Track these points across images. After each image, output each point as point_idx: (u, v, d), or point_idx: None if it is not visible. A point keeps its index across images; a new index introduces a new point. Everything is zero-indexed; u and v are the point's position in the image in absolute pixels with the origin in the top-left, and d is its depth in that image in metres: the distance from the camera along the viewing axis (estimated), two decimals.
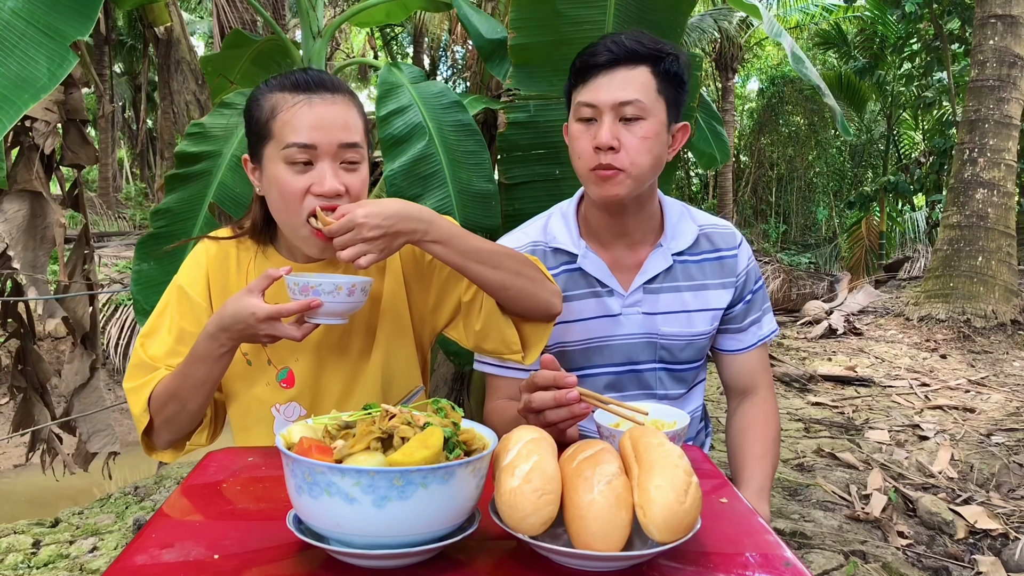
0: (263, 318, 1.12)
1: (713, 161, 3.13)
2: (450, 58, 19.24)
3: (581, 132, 1.43)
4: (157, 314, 1.34)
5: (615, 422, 1.20)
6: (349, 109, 1.25)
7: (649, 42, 1.40)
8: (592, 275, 1.53)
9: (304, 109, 1.21)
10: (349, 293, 1.15)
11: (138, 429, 1.31)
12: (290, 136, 1.21)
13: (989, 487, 3.10)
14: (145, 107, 17.57)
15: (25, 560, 2.90)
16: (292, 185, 1.22)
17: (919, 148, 15.26)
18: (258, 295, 1.14)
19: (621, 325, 1.54)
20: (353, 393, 1.37)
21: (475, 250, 1.23)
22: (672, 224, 1.56)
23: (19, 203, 3.15)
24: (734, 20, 15.46)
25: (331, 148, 1.22)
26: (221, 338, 1.16)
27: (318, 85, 1.24)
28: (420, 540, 0.81)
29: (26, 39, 1.67)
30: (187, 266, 1.37)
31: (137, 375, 1.30)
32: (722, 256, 1.57)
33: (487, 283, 1.26)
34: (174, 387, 1.24)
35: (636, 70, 1.39)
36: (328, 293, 1.14)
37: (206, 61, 3.54)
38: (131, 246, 9.62)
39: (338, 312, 1.16)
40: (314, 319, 1.16)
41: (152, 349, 1.31)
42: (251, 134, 1.29)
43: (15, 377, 3.55)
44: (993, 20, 6.62)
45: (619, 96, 1.38)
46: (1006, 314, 6.39)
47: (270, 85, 1.27)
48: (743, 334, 1.62)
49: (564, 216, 1.58)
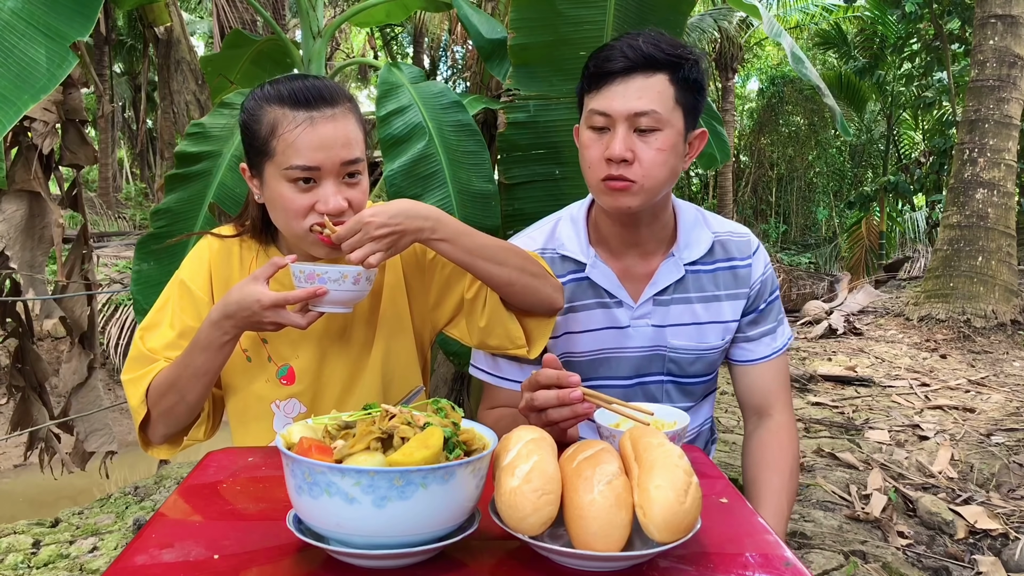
0: (268, 305, 1.12)
1: (713, 161, 3.12)
2: (450, 58, 19.24)
3: (593, 141, 1.36)
4: (158, 308, 1.34)
5: (615, 422, 1.20)
6: (349, 122, 1.24)
7: (668, 47, 1.33)
8: (601, 285, 1.48)
9: (307, 131, 1.19)
10: (355, 281, 1.16)
11: (134, 421, 1.31)
12: (293, 158, 1.19)
13: (989, 487, 3.10)
14: (145, 107, 17.55)
15: (25, 560, 2.90)
16: (295, 203, 1.22)
17: (919, 148, 15.27)
18: (263, 282, 1.15)
19: (629, 338, 1.49)
20: (353, 390, 1.37)
21: (481, 247, 1.24)
22: (686, 232, 1.49)
23: (17, 203, 3.15)
24: (734, 20, 15.47)
25: (334, 167, 1.21)
26: (225, 326, 1.16)
27: (318, 99, 1.21)
28: (420, 540, 0.81)
29: (26, 39, 1.67)
30: (189, 261, 1.37)
31: (135, 367, 1.29)
32: (735, 266, 1.51)
33: (493, 279, 1.26)
34: (173, 377, 1.23)
35: (653, 78, 1.32)
36: (334, 281, 1.14)
37: (206, 61, 3.54)
38: (131, 246, 9.61)
39: (343, 300, 1.17)
40: (319, 307, 1.17)
41: (152, 342, 1.31)
42: (249, 147, 1.27)
43: (13, 376, 3.56)
44: (993, 20, 6.62)
45: (635, 106, 1.31)
46: (1006, 314, 6.39)
47: (267, 96, 1.23)
48: (753, 344, 1.55)
49: (574, 221, 1.52)
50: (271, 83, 1.25)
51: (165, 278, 2.48)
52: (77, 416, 3.57)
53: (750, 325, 1.54)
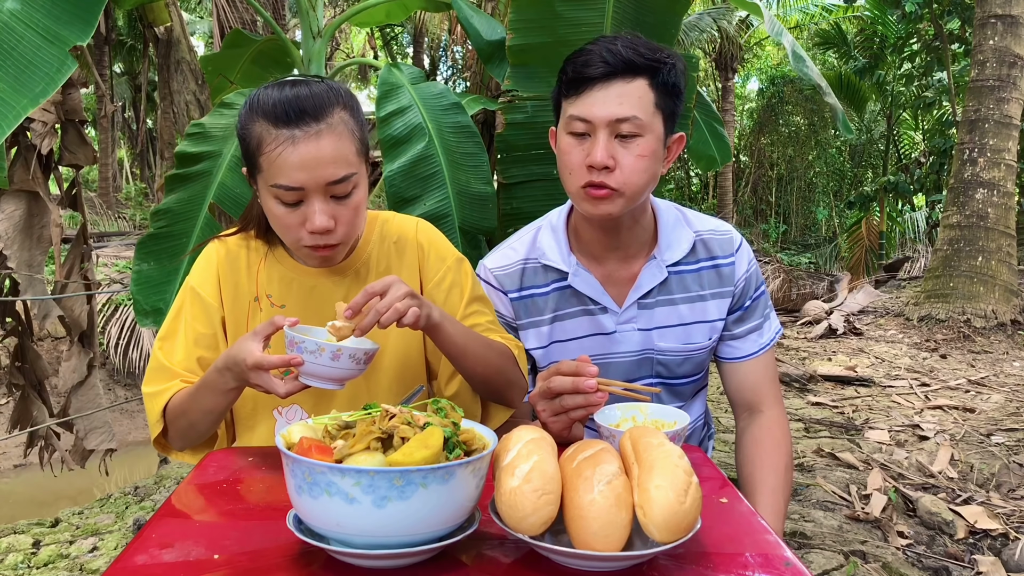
0: (251, 365, 1.10)
1: (713, 163, 3.11)
2: (450, 58, 19.24)
3: (572, 146, 1.35)
4: (172, 317, 1.35)
5: (615, 422, 1.20)
6: (337, 138, 1.18)
7: (647, 50, 1.31)
8: (584, 293, 1.47)
9: (288, 150, 1.15)
10: (333, 357, 1.07)
11: (151, 433, 1.31)
12: (276, 177, 1.18)
13: (989, 487, 3.10)
14: (145, 107, 17.57)
15: (25, 560, 2.90)
16: (285, 220, 1.21)
17: (919, 148, 15.28)
18: (259, 340, 1.12)
19: (617, 343, 1.49)
20: (364, 397, 1.36)
21: (473, 344, 1.26)
22: (666, 233, 1.48)
23: (16, 203, 3.16)
24: (734, 20, 15.47)
25: (319, 187, 1.18)
26: (226, 375, 1.16)
27: (299, 116, 1.16)
28: (420, 540, 0.81)
29: (25, 42, 1.67)
30: (198, 267, 1.37)
31: (155, 380, 1.30)
32: (719, 264, 1.50)
33: (475, 375, 1.30)
34: (186, 406, 1.24)
35: (633, 83, 1.30)
36: (310, 352, 1.07)
37: (206, 61, 3.54)
38: (131, 246, 9.61)
39: (323, 375, 1.09)
40: (304, 379, 1.10)
41: (169, 352, 1.32)
42: (244, 154, 1.26)
43: (13, 375, 3.56)
44: (993, 20, 6.62)
45: (616, 112, 1.29)
46: (1006, 314, 6.39)
47: (255, 108, 1.20)
48: (740, 341, 1.54)
49: (554, 230, 1.51)
50: (264, 90, 1.22)
51: (165, 278, 2.50)
52: (78, 416, 3.57)
53: (736, 323, 1.54)
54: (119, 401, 7.64)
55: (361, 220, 1.27)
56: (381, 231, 1.39)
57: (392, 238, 1.39)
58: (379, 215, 1.42)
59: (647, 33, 1.43)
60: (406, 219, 1.43)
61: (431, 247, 1.40)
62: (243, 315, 1.34)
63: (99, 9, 1.77)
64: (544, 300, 1.50)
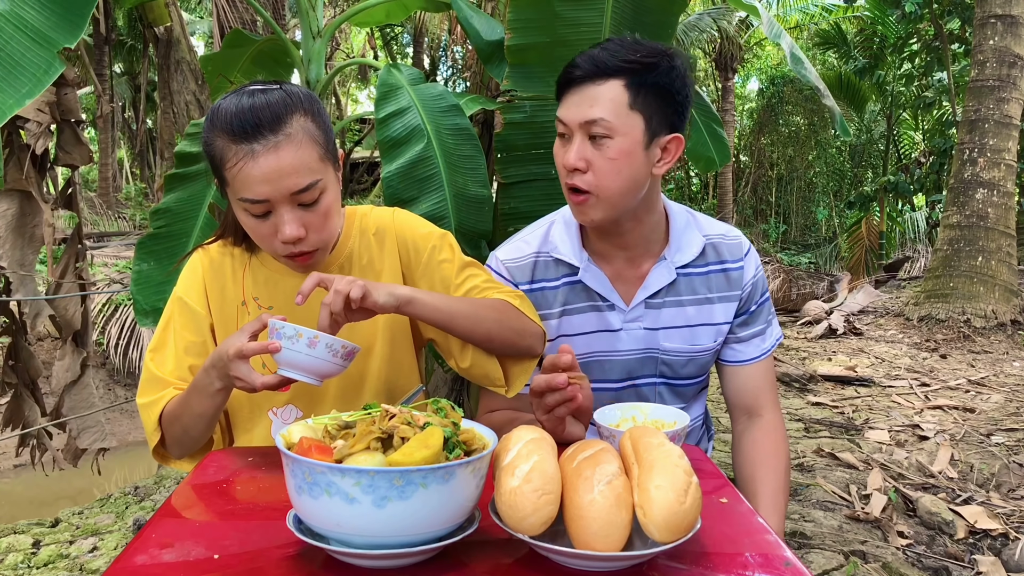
0: (232, 355, 1.09)
1: (712, 164, 3.08)
2: (450, 58, 19.23)
3: (558, 149, 1.39)
4: (161, 328, 1.35)
5: (615, 422, 1.20)
6: (296, 148, 1.17)
7: (626, 52, 1.32)
8: (593, 289, 1.48)
9: (248, 164, 1.15)
10: (310, 344, 1.06)
11: (149, 443, 1.32)
12: (241, 191, 1.18)
13: (989, 487, 3.10)
14: (145, 107, 17.56)
15: (25, 560, 2.91)
16: (258, 231, 1.22)
17: (919, 148, 15.27)
18: (246, 335, 1.12)
19: (621, 340, 1.50)
20: (352, 398, 1.37)
21: (456, 310, 1.25)
22: (677, 235, 1.49)
23: (8, 202, 3.17)
24: (734, 20, 15.46)
25: (284, 198, 1.18)
26: (212, 374, 1.15)
27: (256, 129, 1.14)
28: (420, 540, 0.81)
29: (13, 43, 1.66)
30: (184, 277, 1.38)
31: (148, 391, 1.30)
32: (727, 268, 1.51)
33: (472, 338, 1.28)
34: (178, 412, 1.24)
35: (604, 85, 1.31)
36: (288, 338, 1.06)
37: (206, 61, 3.54)
38: (131, 246, 9.61)
39: (300, 365, 1.07)
40: (282, 370, 1.09)
41: (161, 363, 1.32)
42: (211, 168, 1.25)
43: (6, 373, 3.56)
44: (993, 20, 6.63)
45: (585, 115, 1.31)
46: (1006, 314, 6.39)
47: (214, 123, 1.19)
48: (743, 345, 1.56)
49: (567, 224, 1.51)
50: (224, 101, 1.20)
51: (165, 278, 2.49)
52: (72, 417, 3.57)
53: (741, 327, 1.55)
54: (119, 401, 7.64)
55: (334, 222, 1.27)
56: (360, 225, 1.40)
57: (371, 231, 1.40)
58: (357, 210, 1.43)
59: (645, 33, 1.44)
60: (383, 211, 1.44)
61: (411, 231, 1.40)
62: (231, 320, 1.35)
63: (88, 12, 1.77)
64: (554, 294, 1.51)
